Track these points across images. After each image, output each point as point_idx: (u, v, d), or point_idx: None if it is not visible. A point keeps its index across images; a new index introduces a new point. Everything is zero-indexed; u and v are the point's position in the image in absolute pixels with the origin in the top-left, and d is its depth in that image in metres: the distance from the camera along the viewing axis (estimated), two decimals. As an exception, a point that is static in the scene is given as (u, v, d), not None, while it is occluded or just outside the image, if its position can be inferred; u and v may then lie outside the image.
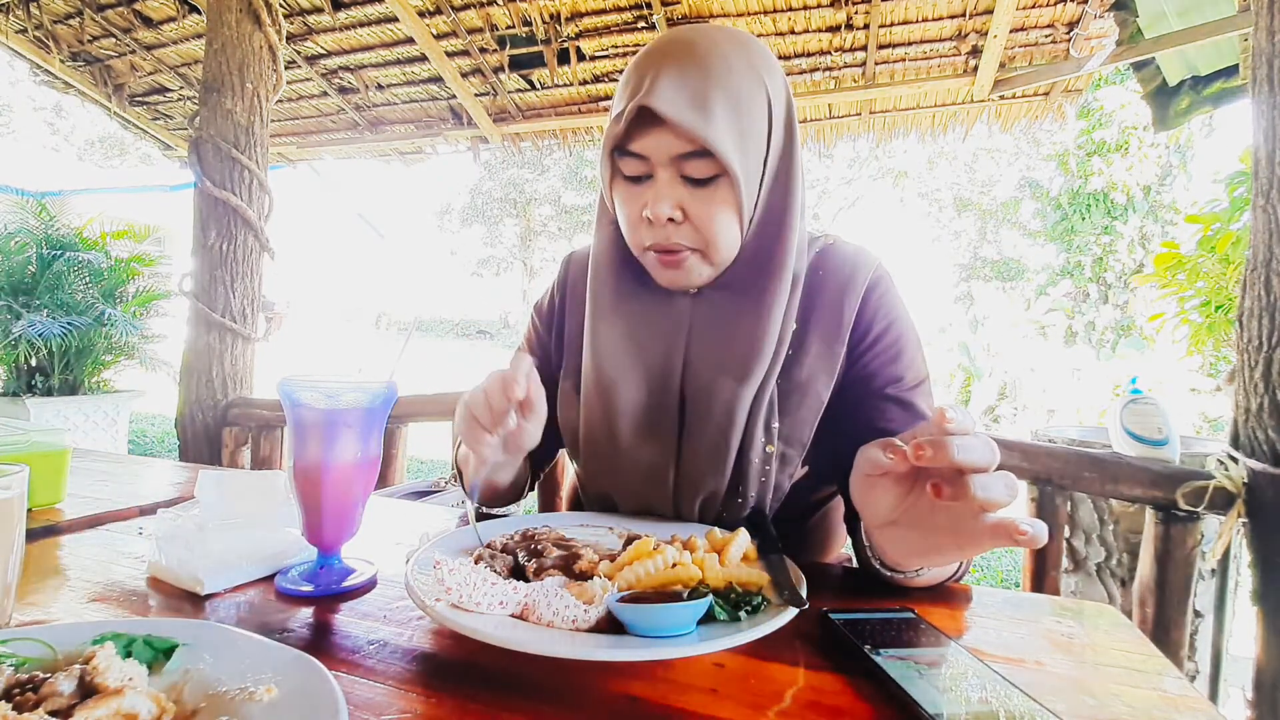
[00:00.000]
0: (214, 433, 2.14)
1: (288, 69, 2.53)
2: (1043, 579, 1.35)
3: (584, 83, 2.99)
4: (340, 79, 3.21)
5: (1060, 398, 5.83)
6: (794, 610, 0.51)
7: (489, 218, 22.27)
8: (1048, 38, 2.49)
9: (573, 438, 0.86)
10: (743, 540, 0.62)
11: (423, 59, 2.98)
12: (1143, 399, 1.52)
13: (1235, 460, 1.17)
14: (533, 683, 0.48)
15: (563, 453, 1.40)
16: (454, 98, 3.14)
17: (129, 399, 4.54)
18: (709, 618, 0.51)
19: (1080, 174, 11.53)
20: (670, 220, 0.72)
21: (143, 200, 10.49)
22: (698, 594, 0.52)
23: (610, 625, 0.51)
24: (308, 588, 0.62)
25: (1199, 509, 1.19)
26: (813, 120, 3.02)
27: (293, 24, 2.86)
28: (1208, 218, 3.20)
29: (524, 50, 2.86)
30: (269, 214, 2.21)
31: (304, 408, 0.62)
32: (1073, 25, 2.41)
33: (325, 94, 3.29)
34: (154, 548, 0.65)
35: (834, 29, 2.56)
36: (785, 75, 0.77)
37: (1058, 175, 12.36)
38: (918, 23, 2.51)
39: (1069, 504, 1.92)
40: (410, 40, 2.85)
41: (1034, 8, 2.38)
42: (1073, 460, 1.31)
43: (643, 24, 2.66)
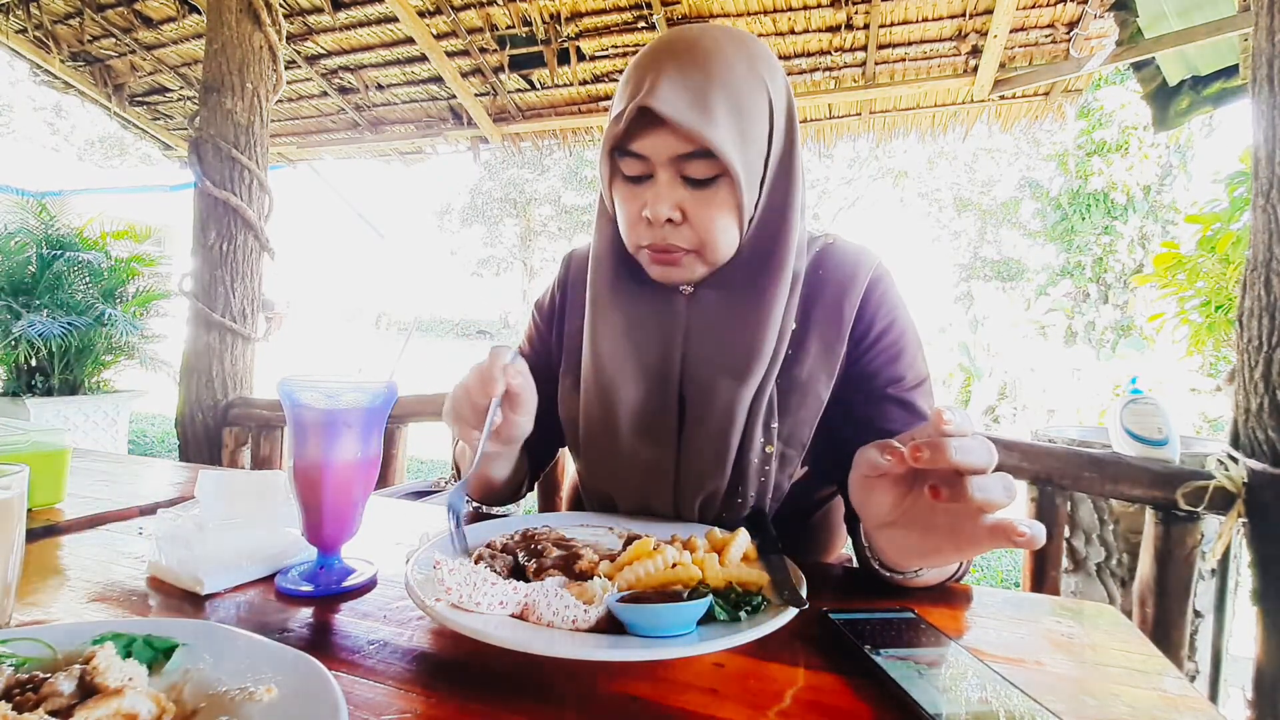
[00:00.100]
0: (214, 433, 2.14)
1: (288, 69, 2.53)
2: (1043, 579, 1.35)
3: (584, 83, 2.99)
4: (340, 79, 3.21)
5: (1060, 398, 5.83)
6: (794, 610, 0.51)
7: (489, 218, 22.27)
8: (1048, 38, 2.49)
9: (574, 435, 0.86)
10: (743, 540, 0.62)
11: (423, 59, 2.98)
12: (1143, 399, 1.52)
13: (1235, 460, 1.17)
14: (533, 683, 0.48)
15: (563, 452, 1.41)
16: (454, 98, 3.14)
17: (129, 399, 4.54)
18: (709, 618, 0.51)
19: (1079, 174, 11.53)
20: (669, 221, 0.72)
21: (143, 200, 10.48)
22: (698, 594, 0.52)
23: (610, 625, 0.51)
24: (308, 588, 0.62)
25: (1199, 509, 1.19)
26: (813, 120, 3.02)
27: (293, 24, 2.86)
28: (1208, 218, 3.20)
29: (524, 50, 2.86)
30: (269, 214, 2.21)
31: (304, 408, 0.62)
32: (1073, 25, 2.41)
33: (325, 94, 3.29)
34: (154, 548, 0.65)
35: (834, 29, 2.56)
36: (786, 75, 0.77)
37: (1058, 175, 12.36)
38: (918, 23, 2.51)
39: (1069, 504, 1.92)
40: (410, 40, 2.85)
41: (1034, 8, 2.38)
42: (1073, 460, 1.31)
43: (643, 24, 2.66)
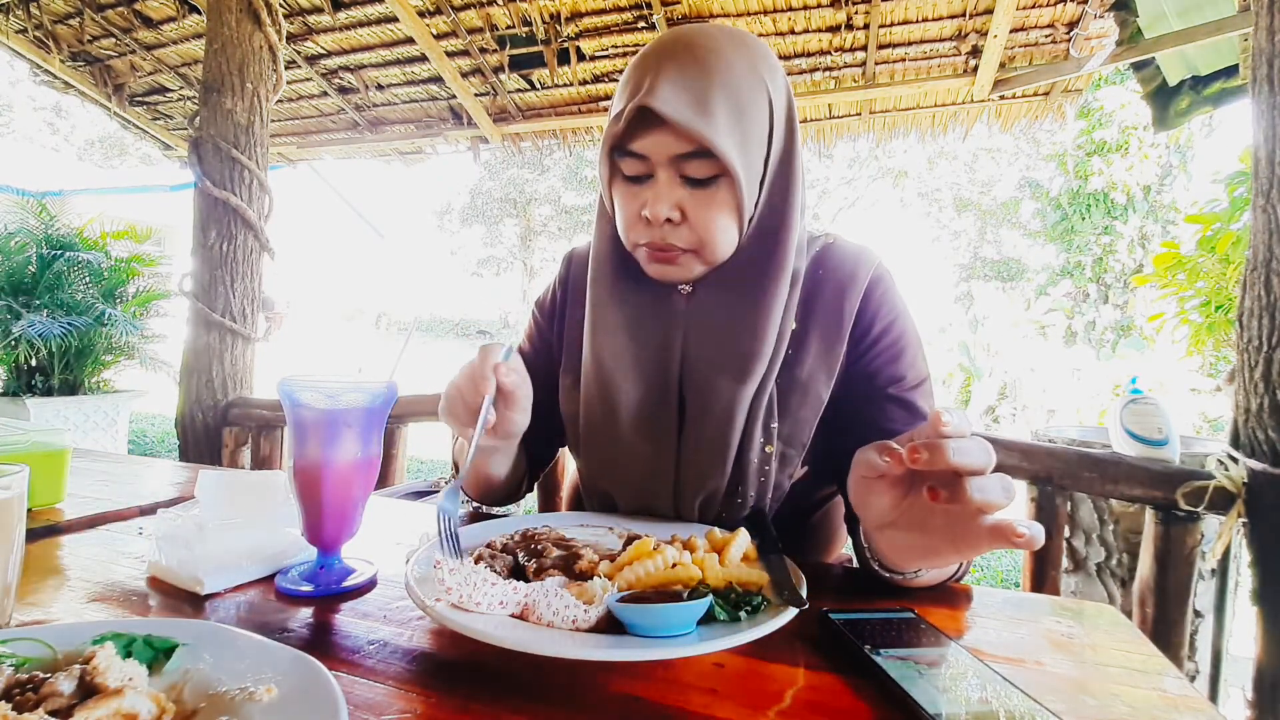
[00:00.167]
0: (214, 433, 2.14)
1: (288, 69, 2.53)
2: (1043, 579, 1.35)
3: (584, 83, 2.99)
4: (340, 79, 3.21)
5: (1060, 398, 5.83)
6: (794, 610, 0.51)
7: (489, 218, 22.26)
8: (1048, 38, 2.49)
9: (574, 434, 0.86)
10: (743, 540, 0.62)
11: (423, 59, 2.97)
12: (1143, 399, 1.52)
13: (1235, 460, 1.17)
14: (533, 683, 0.48)
15: (563, 452, 1.41)
16: (454, 98, 3.14)
17: (129, 399, 4.54)
18: (709, 618, 0.51)
19: (1078, 174, 11.53)
20: (668, 220, 0.72)
21: (143, 200, 10.49)
22: (698, 594, 0.52)
23: (610, 625, 0.51)
24: (308, 588, 0.62)
25: (1199, 509, 1.19)
26: (813, 120, 3.02)
27: (293, 24, 2.86)
28: (1208, 218, 3.20)
29: (524, 50, 2.86)
30: (269, 214, 2.21)
31: (304, 408, 0.62)
32: (1073, 25, 2.41)
33: (325, 94, 3.29)
34: (154, 548, 0.65)
35: (834, 29, 2.56)
36: (786, 75, 0.77)
37: (1058, 175, 12.36)
38: (918, 23, 2.51)
39: (1069, 504, 1.92)
40: (410, 40, 2.85)
41: (1034, 8, 2.38)
42: (1073, 460, 1.31)
43: (643, 24, 2.66)
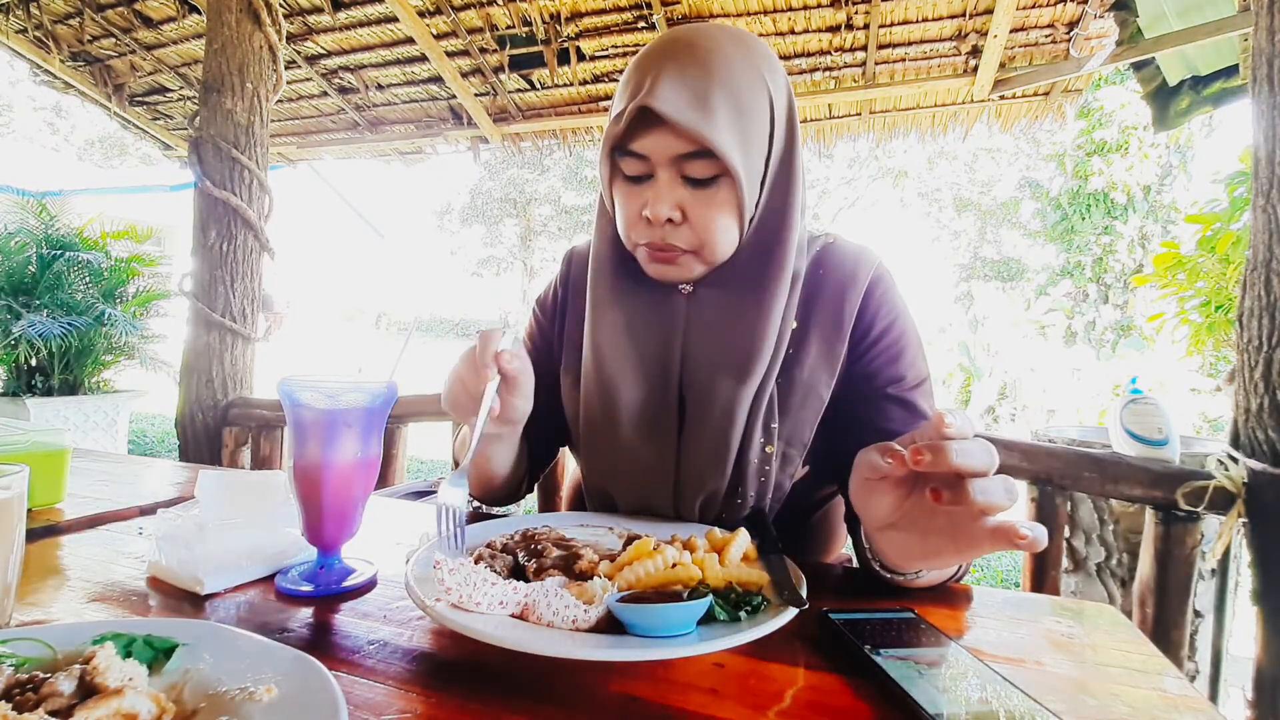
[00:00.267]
0: (214, 433, 2.13)
1: (288, 69, 2.53)
2: (1043, 579, 1.35)
3: (584, 83, 2.99)
4: (340, 79, 3.21)
5: (1060, 398, 5.83)
6: (794, 610, 0.51)
7: (489, 218, 22.25)
8: (1048, 38, 2.49)
9: (575, 433, 0.86)
10: (743, 540, 0.62)
11: (423, 59, 2.97)
12: (1143, 399, 1.52)
13: (1235, 460, 1.17)
14: (533, 683, 0.48)
15: (563, 452, 1.41)
16: (454, 98, 3.14)
17: (129, 399, 4.54)
18: (709, 618, 0.51)
19: (1077, 175, 11.53)
20: (669, 220, 0.72)
21: (143, 200, 10.49)
22: (698, 594, 0.52)
23: (610, 625, 0.51)
24: (308, 588, 0.62)
25: (1199, 509, 1.19)
26: (813, 120, 3.02)
27: (293, 24, 2.86)
28: (1208, 218, 3.20)
29: (524, 50, 2.86)
30: (269, 214, 2.21)
31: (304, 408, 0.62)
32: (1073, 25, 2.41)
33: (325, 94, 3.29)
34: (154, 548, 0.65)
35: (834, 29, 2.56)
36: (787, 75, 0.77)
37: (1058, 175, 12.37)
38: (918, 23, 2.51)
39: (1069, 504, 1.92)
40: (410, 40, 2.85)
41: (1034, 8, 2.38)
42: (1073, 460, 1.31)
43: (643, 24, 2.66)
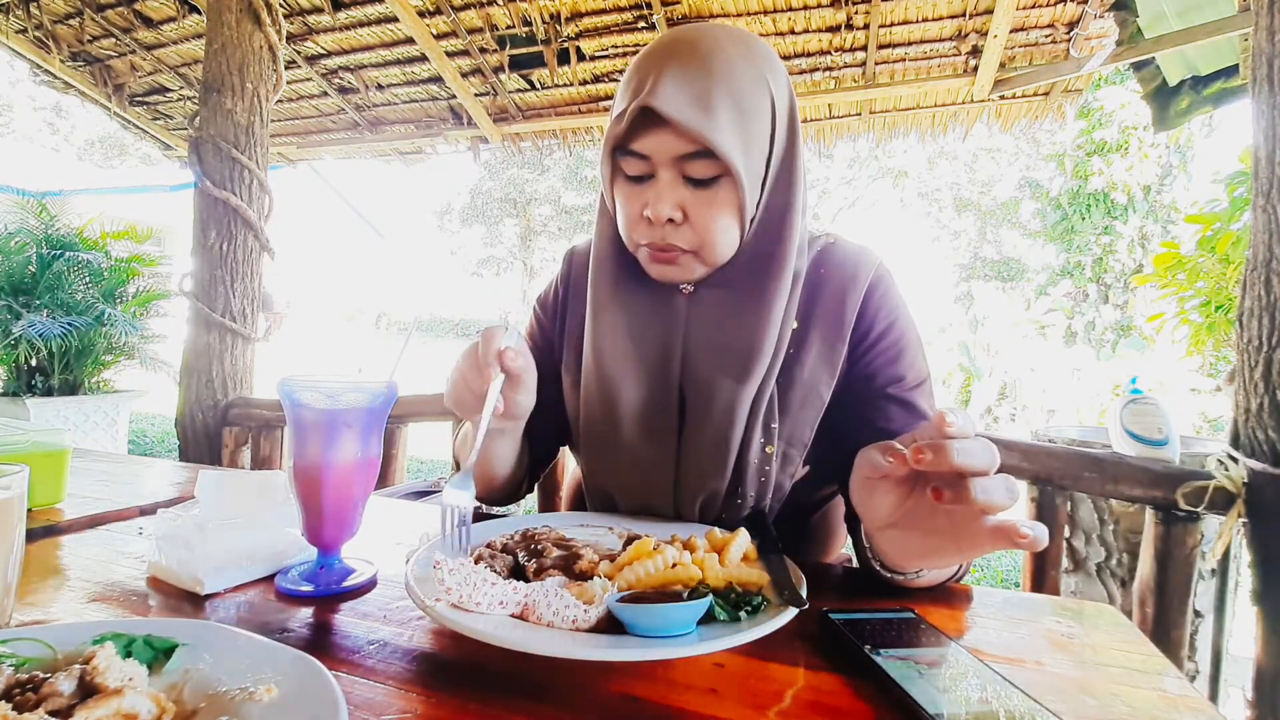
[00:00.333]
0: (214, 433, 2.13)
1: (288, 69, 2.53)
2: (1043, 579, 1.35)
3: (584, 83, 2.99)
4: (340, 79, 3.21)
5: (1060, 398, 5.83)
6: (794, 610, 0.51)
7: (489, 218, 22.25)
8: (1048, 38, 2.49)
9: (575, 433, 0.86)
10: (743, 540, 0.62)
11: (423, 59, 2.97)
12: (1143, 399, 1.52)
13: (1235, 460, 1.17)
14: (533, 683, 0.48)
15: (563, 452, 1.41)
16: (454, 98, 3.14)
17: (129, 399, 4.54)
18: (709, 618, 0.51)
19: (1077, 175, 11.53)
20: (670, 220, 0.72)
21: (143, 200, 10.49)
22: (698, 594, 0.52)
23: (610, 625, 0.51)
24: (308, 588, 0.62)
25: (1199, 509, 1.19)
26: (813, 120, 3.02)
27: (293, 24, 2.86)
28: (1208, 218, 3.20)
29: (524, 50, 2.86)
30: (269, 214, 2.21)
31: (304, 408, 0.62)
32: (1073, 25, 2.41)
33: (325, 94, 3.29)
34: (154, 548, 0.65)
35: (834, 29, 2.56)
36: (788, 75, 0.77)
37: (1058, 175, 12.37)
38: (918, 23, 2.51)
39: (1069, 504, 1.92)
40: (410, 40, 2.85)
41: (1034, 8, 2.38)
42: (1073, 460, 1.31)
43: (643, 24, 2.66)
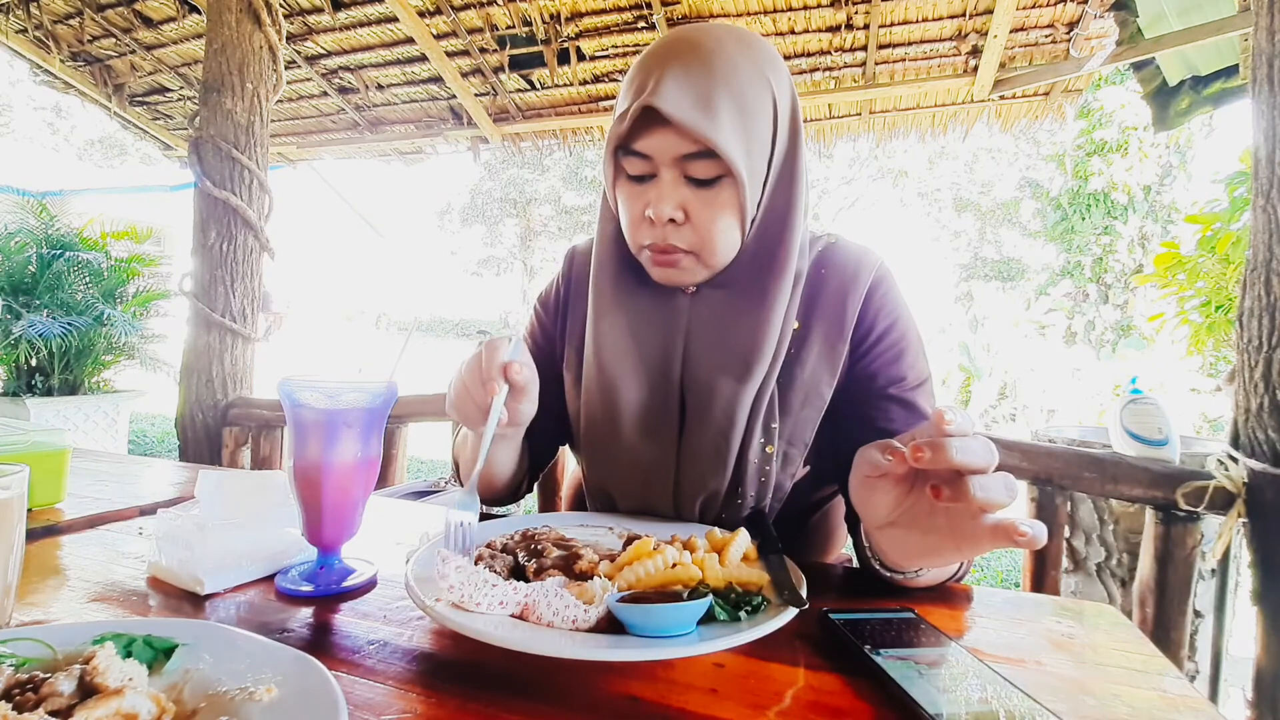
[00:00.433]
0: (214, 433, 2.13)
1: (288, 69, 2.53)
2: (1043, 579, 1.35)
3: (584, 83, 2.99)
4: (340, 79, 3.21)
5: (1060, 398, 5.83)
6: (794, 610, 0.51)
7: (489, 218, 22.26)
8: (1048, 38, 2.49)
9: (576, 432, 0.86)
10: (743, 540, 0.62)
11: (423, 59, 2.97)
12: (1143, 399, 1.52)
13: (1235, 460, 1.17)
14: (533, 683, 0.48)
15: (563, 451, 1.40)
16: (454, 98, 3.14)
17: (129, 399, 4.54)
18: (709, 618, 0.51)
19: (1077, 175, 11.53)
20: (671, 221, 0.72)
21: (143, 200, 10.49)
22: (698, 594, 0.52)
23: (610, 625, 0.51)
24: (308, 588, 0.62)
25: (1199, 509, 1.19)
26: (813, 120, 3.02)
27: (293, 24, 2.86)
28: (1208, 218, 3.20)
29: (524, 50, 2.86)
30: (269, 214, 2.21)
31: (304, 408, 0.62)
32: (1073, 25, 2.41)
33: (325, 94, 3.29)
34: (154, 548, 0.65)
35: (834, 29, 2.56)
36: (790, 75, 0.77)
37: (1058, 175, 12.36)
38: (918, 23, 2.51)
39: (1069, 504, 1.92)
40: (410, 40, 2.85)
41: (1034, 8, 2.38)
42: (1073, 460, 1.31)
43: (643, 24, 2.66)
